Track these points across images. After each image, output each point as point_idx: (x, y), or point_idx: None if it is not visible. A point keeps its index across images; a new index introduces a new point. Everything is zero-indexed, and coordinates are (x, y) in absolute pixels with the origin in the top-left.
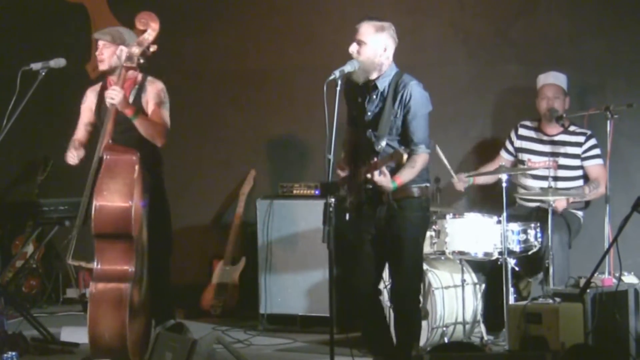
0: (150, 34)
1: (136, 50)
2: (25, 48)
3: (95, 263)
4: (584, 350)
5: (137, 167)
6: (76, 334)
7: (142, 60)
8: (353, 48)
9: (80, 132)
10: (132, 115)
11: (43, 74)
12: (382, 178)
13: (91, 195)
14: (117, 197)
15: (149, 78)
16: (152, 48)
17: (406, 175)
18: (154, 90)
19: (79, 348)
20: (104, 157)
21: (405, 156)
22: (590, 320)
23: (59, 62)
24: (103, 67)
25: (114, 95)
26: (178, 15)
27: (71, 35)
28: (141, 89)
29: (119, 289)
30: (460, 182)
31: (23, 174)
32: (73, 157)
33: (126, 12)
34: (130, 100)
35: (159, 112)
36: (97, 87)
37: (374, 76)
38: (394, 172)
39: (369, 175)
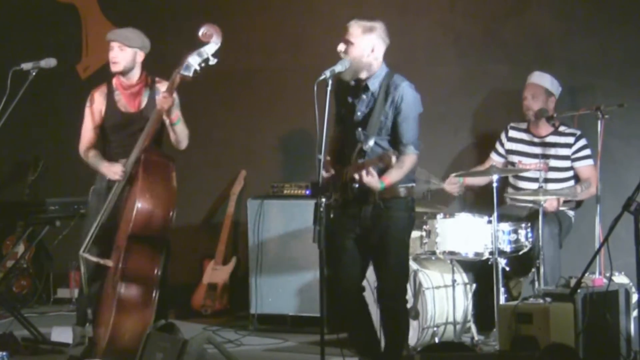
0: (212, 47)
1: (196, 60)
2: (15, 48)
3: (122, 262)
4: (559, 351)
5: (174, 174)
6: (66, 334)
7: (198, 71)
8: (341, 47)
9: (91, 137)
10: (176, 120)
11: (34, 74)
12: (369, 178)
13: (122, 195)
14: (159, 202)
15: (157, 79)
16: (212, 61)
17: (394, 175)
18: None
19: (69, 347)
20: (144, 159)
21: (394, 159)
22: (580, 320)
23: (49, 62)
24: (117, 68)
25: (165, 103)
26: (167, 16)
27: (62, 36)
28: (153, 90)
29: (147, 292)
30: (452, 185)
31: (14, 174)
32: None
33: (117, 12)
34: (144, 102)
35: (179, 114)
36: (103, 89)
37: (364, 76)
38: (382, 172)
39: (356, 176)
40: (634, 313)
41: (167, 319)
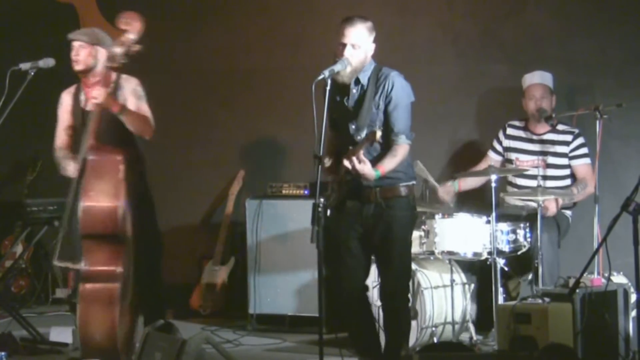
0: (132, 34)
1: (118, 50)
2: (14, 48)
3: (83, 263)
4: (557, 351)
5: (122, 167)
6: (65, 334)
7: (124, 60)
8: (350, 53)
9: (63, 137)
10: (119, 111)
11: (32, 74)
12: (362, 166)
13: (76, 196)
14: (104, 197)
15: (123, 76)
16: (135, 47)
17: (388, 164)
18: (130, 86)
19: (68, 348)
20: (89, 157)
21: (379, 133)
22: (579, 320)
23: (47, 62)
24: (79, 67)
25: (97, 94)
26: (167, 16)
27: (60, 35)
28: (117, 87)
29: (109, 289)
30: (447, 193)
31: (12, 174)
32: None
33: (115, 12)
34: None
35: (141, 106)
36: (72, 89)
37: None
38: (375, 162)
39: (346, 163)
40: (633, 313)
41: (164, 317)
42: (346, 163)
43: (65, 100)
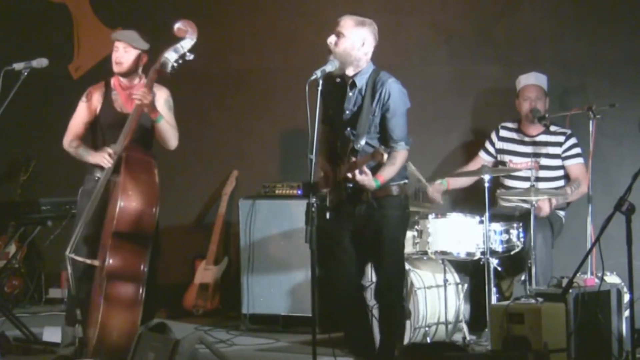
0: (188, 42)
1: (173, 56)
2: (7, 48)
3: (107, 260)
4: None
5: (156, 171)
6: (58, 334)
7: (175, 67)
8: (331, 39)
9: (79, 129)
10: (157, 117)
11: (25, 74)
12: (364, 177)
13: (105, 193)
14: (142, 199)
15: (156, 84)
16: (190, 56)
17: (388, 173)
18: (163, 96)
19: (59, 348)
20: (129, 156)
21: (385, 156)
22: (572, 320)
23: (41, 62)
24: (121, 69)
25: (142, 95)
26: (160, 16)
27: (54, 36)
28: (152, 95)
29: (134, 289)
30: (436, 191)
31: (5, 174)
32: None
33: (109, 12)
34: None
35: (170, 116)
36: (100, 86)
37: (350, 72)
38: (374, 170)
39: (349, 175)
40: (626, 313)
41: (153, 317)
42: (348, 174)
43: (96, 97)
